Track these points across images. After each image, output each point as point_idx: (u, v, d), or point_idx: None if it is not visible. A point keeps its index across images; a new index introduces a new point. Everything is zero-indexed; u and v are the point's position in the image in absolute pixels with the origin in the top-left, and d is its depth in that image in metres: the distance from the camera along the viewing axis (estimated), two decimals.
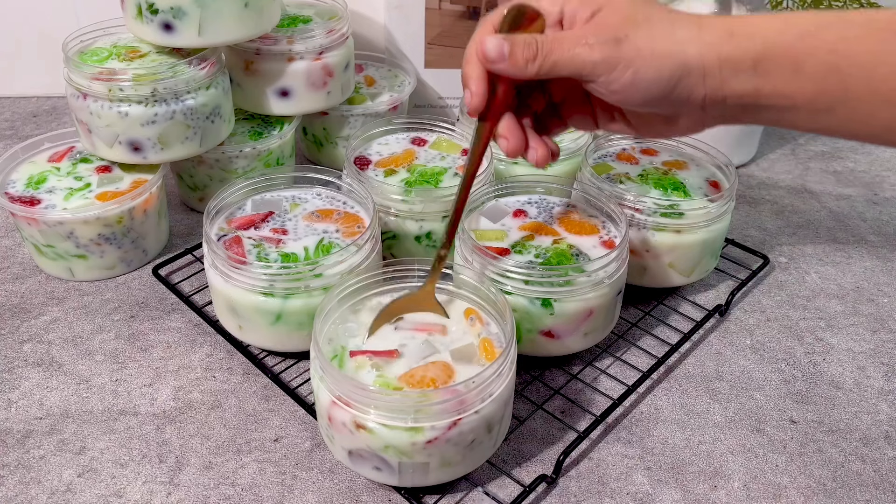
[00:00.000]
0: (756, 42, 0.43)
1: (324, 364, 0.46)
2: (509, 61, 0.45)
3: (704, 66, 0.43)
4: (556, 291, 0.55)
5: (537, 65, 0.44)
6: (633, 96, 0.45)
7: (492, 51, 0.45)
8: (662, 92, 0.44)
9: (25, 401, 0.57)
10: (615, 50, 0.43)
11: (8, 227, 0.77)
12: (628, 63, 0.43)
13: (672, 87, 0.44)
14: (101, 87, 0.64)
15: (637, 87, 0.44)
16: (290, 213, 0.63)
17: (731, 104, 0.44)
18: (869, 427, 0.57)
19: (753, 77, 0.43)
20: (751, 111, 0.45)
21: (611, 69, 0.44)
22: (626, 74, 0.43)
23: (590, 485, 0.52)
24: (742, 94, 0.43)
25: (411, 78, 0.88)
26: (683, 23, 0.44)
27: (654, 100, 0.44)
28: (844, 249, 0.78)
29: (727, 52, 0.43)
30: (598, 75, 0.44)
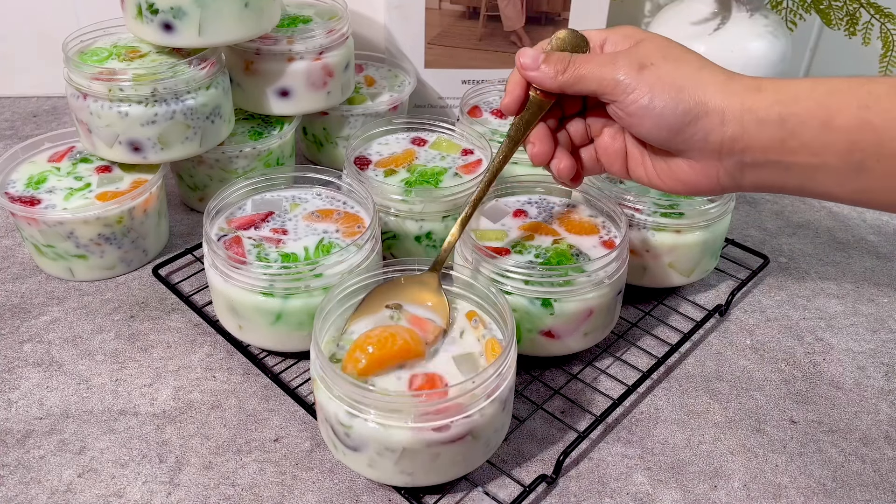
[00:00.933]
0: (784, 95, 0.43)
1: (324, 364, 0.46)
2: (540, 69, 0.48)
3: (724, 110, 0.43)
4: (556, 291, 0.55)
5: (566, 75, 0.47)
6: (645, 122, 0.46)
7: (527, 59, 0.49)
8: (676, 124, 0.44)
9: (25, 401, 0.57)
10: (638, 73, 0.45)
11: (8, 227, 0.77)
12: (647, 88, 0.45)
13: (686, 123, 0.44)
14: (101, 87, 0.64)
15: (650, 114, 0.45)
16: (290, 213, 0.63)
17: (752, 160, 0.44)
18: (869, 427, 0.57)
19: (779, 130, 0.42)
20: (775, 169, 0.44)
21: (630, 90, 0.45)
22: (643, 98, 0.45)
23: (590, 485, 0.52)
24: (766, 148, 0.43)
25: (411, 78, 0.88)
26: (712, 69, 0.45)
27: (666, 130, 0.45)
28: (844, 249, 0.78)
29: (751, 103, 0.43)
30: (617, 94, 0.46)
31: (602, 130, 0.52)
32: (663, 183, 0.49)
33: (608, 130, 0.51)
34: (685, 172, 0.47)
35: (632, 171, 0.51)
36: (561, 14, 0.88)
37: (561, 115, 0.52)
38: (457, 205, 0.65)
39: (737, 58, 0.81)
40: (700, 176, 0.47)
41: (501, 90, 0.82)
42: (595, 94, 0.48)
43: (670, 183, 0.49)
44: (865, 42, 0.81)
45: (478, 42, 0.89)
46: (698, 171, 0.47)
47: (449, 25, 0.88)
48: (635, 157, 0.51)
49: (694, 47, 0.81)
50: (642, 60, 0.46)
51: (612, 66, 0.46)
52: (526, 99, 0.51)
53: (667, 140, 0.46)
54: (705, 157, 0.46)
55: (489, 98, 0.82)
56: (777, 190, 0.46)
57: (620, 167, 0.52)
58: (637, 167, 0.51)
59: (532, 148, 0.51)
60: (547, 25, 0.89)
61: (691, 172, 0.47)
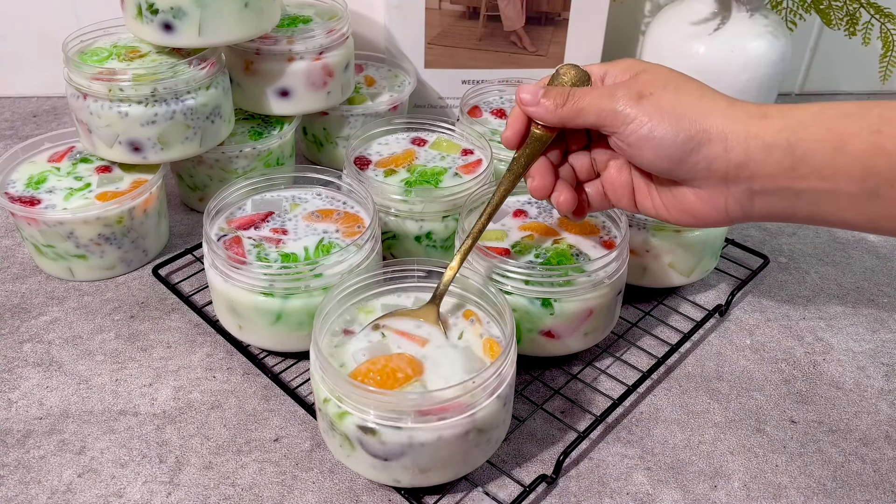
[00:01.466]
0: (790, 121, 0.42)
1: (323, 364, 0.46)
2: (540, 103, 0.48)
3: (727, 137, 0.43)
4: (556, 291, 0.55)
5: (566, 109, 0.47)
6: (646, 153, 0.45)
7: (527, 94, 0.49)
8: (677, 153, 0.44)
9: (25, 401, 0.57)
10: (637, 103, 0.45)
11: (8, 227, 0.77)
12: (647, 117, 0.45)
13: (689, 151, 0.44)
14: (101, 87, 0.64)
15: (651, 143, 0.45)
16: (290, 213, 0.63)
17: (761, 187, 0.43)
18: (869, 427, 0.57)
19: (787, 156, 0.42)
20: (784, 196, 0.43)
21: (629, 120, 0.45)
22: (643, 128, 0.45)
23: (590, 485, 0.52)
24: (775, 174, 0.42)
25: (411, 78, 0.88)
26: (714, 96, 0.45)
27: (667, 160, 0.45)
28: (844, 249, 0.78)
29: (757, 129, 0.42)
30: (617, 125, 0.46)
31: (608, 164, 0.51)
32: (671, 215, 0.49)
33: (614, 164, 0.51)
34: (692, 203, 0.47)
35: (639, 204, 0.51)
36: (561, 14, 0.88)
37: (565, 149, 0.52)
38: (457, 205, 0.65)
39: (737, 58, 0.81)
40: (707, 206, 0.46)
41: (501, 90, 0.82)
42: (595, 127, 0.47)
43: (678, 214, 0.48)
44: (865, 42, 0.81)
45: (478, 42, 0.89)
46: (705, 201, 0.46)
47: (449, 25, 0.88)
48: (642, 190, 0.50)
49: (694, 47, 0.82)
50: (641, 90, 0.46)
51: (610, 97, 0.46)
52: (527, 133, 0.51)
53: (669, 170, 0.45)
54: (711, 186, 0.45)
55: (489, 98, 0.82)
56: (788, 218, 0.45)
57: (628, 201, 0.51)
58: (644, 199, 0.50)
59: (532, 182, 0.51)
60: (547, 25, 0.89)
61: (698, 202, 0.46)
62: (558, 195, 0.51)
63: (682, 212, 0.48)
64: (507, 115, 0.79)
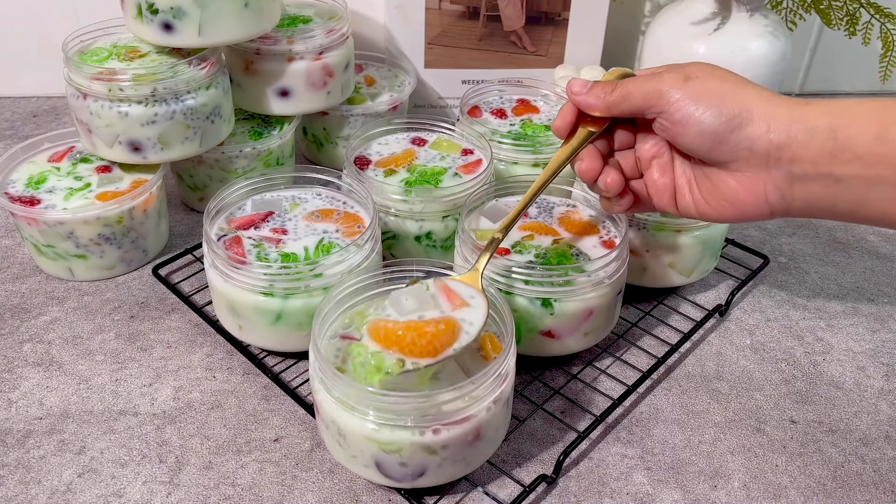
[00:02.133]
0: (832, 108, 0.43)
1: (322, 365, 0.46)
2: (590, 93, 0.50)
3: (770, 118, 0.44)
4: (556, 291, 0.55)
5: (614, 95, 0.50)
6: (689, 131, 0.46)
7: (576, 84, 0.51)
8: (720, 131, 0.45)
9: (25, 401, 0.57)
10: (683, 84, 0.47)
11: (8, 227, 0.77)
12: (692, 97, 0.46)
13: (731, 130, 0.45)
14: (101, 87, 0.64)
15: (695, 121, 0.46)
16: (290, 213, 0.63)
17: (801, 171, 0.43)
18: (869, 427, 0.57)
19: (829, 140, 0.42)
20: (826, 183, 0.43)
21: (674, 99, 0.47)
22: (688, 105, 0.46)
23: (590, 485, 0.52)
24: (816, 159, 0.43)
25: (411, 78, 0.88)
26: (756, 86, 0.46)
27: (710, 138, 0.46)
28: (844, 249, 0.78)
29: (799, 114, 0.43)
30: (662, 105, 0.47)
31: (651, 163, 0.52)
32: (711, 208, 0.49)
33: (657, 163, 0.52)
34: (733, 190, 0.47)
35: (679, 204, 0.52)
36: (561, 14, 0.88)
37: (612, 147, 0.53)
38: (457, 205, 0.65)
39: (737, 58, 0.81)
40: (748, 194, 0.47)
41: (501, 90, 0.82)
42: (641, 110, 0.49)
43: (718, 206, 0.49)
44: (865, 42, 0.81)
45: (478, 42, 0.89)
46: (746, 187, 0.46)
47: (449, 25, 0.88)
48: (682, 189, 0.51)
49: (694, 47, 0.82)
50: (687, 74, 0.47)
51: (656, 79, 0.48)
52: (576, 126, 0.52)
53: (710, 149, 0.46)
54: (752, 168, 0.45)
55: (489, 98, 0.82)
56: (828, 211, 0.45)
57: (669, 200, 0.52)
58: (684, 198, 0.51)
59: (581, 164, 0.52)
60: (547, 25, 0.89)
61: (739, 189, 0.47)
62: (605, 176, 0.52)
63: (722, 202, 0.48)
64: (507, 114, 0.79)
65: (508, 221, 0.53)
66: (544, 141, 0.71)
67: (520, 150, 0.72)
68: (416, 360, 0.46)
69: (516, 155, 0.72)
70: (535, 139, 0.73)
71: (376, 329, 0.47)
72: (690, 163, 0.51)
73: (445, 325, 0.47)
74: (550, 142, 0.71)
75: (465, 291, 0.50)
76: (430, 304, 0.49)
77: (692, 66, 0.49)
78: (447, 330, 0.47)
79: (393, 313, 0.49)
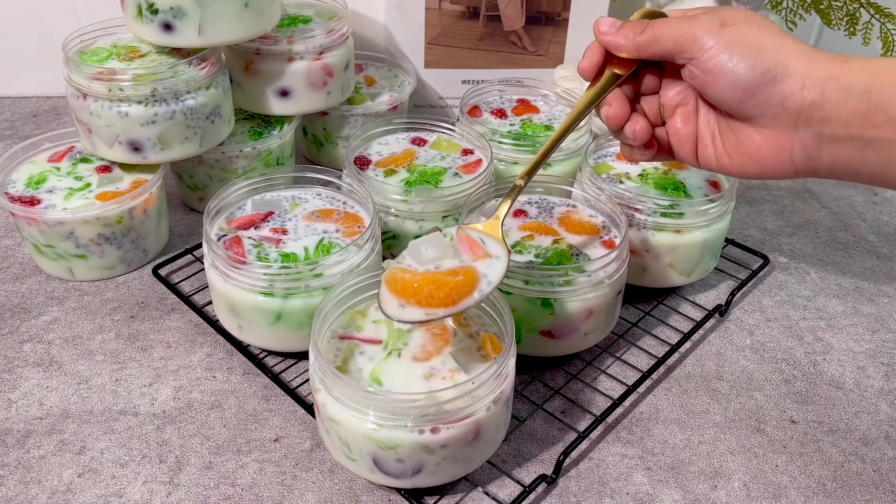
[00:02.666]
0: (871, 67, 0.41)
1: (322, 366, 0.46)
2: (618, 32, 0.48)
3: (806, 75, 0.42)
4: (556, 291, 0.55)
5: (644, 35, 0.47)
6: (721, 81, 0.44)
7: (604, 23, 0.49)
8: (753, 84, 0.43)
9: (25, 401, 0.57)
10: (719, 30, 0.44)
11: (8, 227, 0.77)
12: (727, 44, 0.44)
13: (764, 84, 0.43)
14: (101, 87, 0.64)
15: (728, 71, 0.44)
16: (290, 213, 0.63)
17: (831, 133, 0.42)
18: (869, 427, 0.57)
19: (864, 101, 0.41)
20: (855, 146, 0.42)
21: (708, 46, 0.44)
22: (722, 54, 0.44)
23: (590, 485, 0.52)
24: (848, 120, 0.42)
25: (411, 78, 0.88)
26: (795, 40, 0.44)
27: (741, 90, 0.44)
28: (844, 249, 0.78)
29: (837, 71, 0.42)
30: (695, 51, 0.45)
31: (675, 111, 0.50)
32: (733, 163, 0.47)
33: (681, 112, 0.50)
34: (757, 146, 0.45)
35: (701, 155, 0.50)
36: (561, 14, 0.88)
37: (637, 92, 0.51)
38: (457, 205, 0.65)
39: None
40: (773, 150, 0.45)
41: (501, 90, 0.82)
42: (672, 54, 0.46)
43: (740, 161, 0.47)
44: (865, 42, 0.81)
45: (478, 42, 0.89)
46: (771, 144, 0.44)
47: (449, 25, 0.88)
48: (705, 140, 0.49)
49: None
50: (724, 20, 0.44)
51: (691, 23, 0.45)
52: (603, 67, 0.50)
53: (741, 102, 0.44)
54: (780, 126, 0.44)
55: (489, 98, 0.82)
56: (854, 174, 0.43)
57: (689, 150, 0.50)
58: (706, 150, 0.49)
59: (608, 109, 0.50)
60: (547, 25, 0.89)
61: (764, 145, 0.45)
62: (633, 125, 0.50)
63: (745, 158, 0.46)
64: (507, 114, 0.79)
65: (531, 167, 0.51)
66: (544, 141, 0.71)
67: (520, 150, 0.72)
68: (434, 310, 0.45)
69: (516, 155, 0.72)
70: (535, 139, 0.73)
71: (393, 280, 0.46)
72: (716, 114, 0.48)
73: (465, 276, 0.46)
74: None
75: (486, 242, 0.48)
76: (450, 252, 0.48)
77: (728, 10, 0.45)
78: (466, 281, 0.46)
79: (412, 263, 0.47)
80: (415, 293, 0.45)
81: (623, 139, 0.51)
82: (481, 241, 0.49)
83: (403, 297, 0.46)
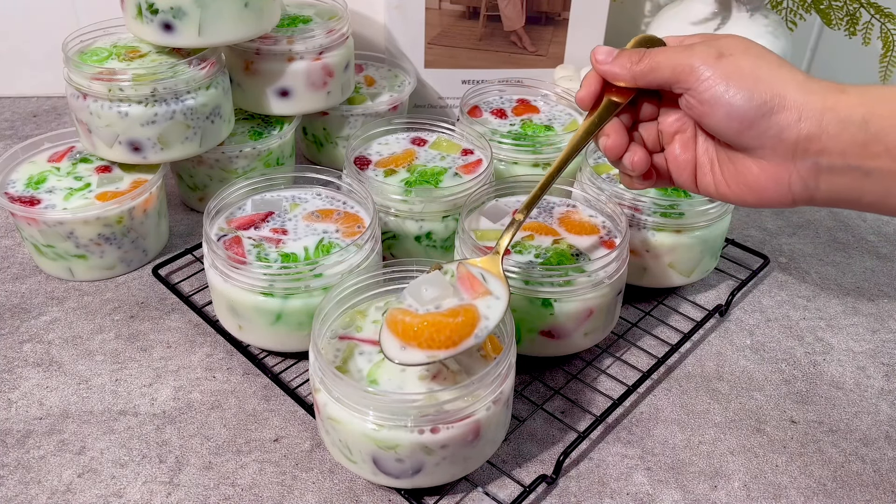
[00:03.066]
0: (868, 98, 0.41)
1: (322, 366, 0.46)
2: (615, 62, 0.48)
3: (803, 107, 0.42)
4: (556, 291, 0.55)
5: (641, 65, 0.47)
6: (718, 112, 0.44)
7: (602, 54, 0.49)
8: (750, 116, 0.43)
9: (25, 401, 0.57)
10: (716, 61, 0.44)
11: (8, 227, 0.77)
12: (724, 76, 0.44)
13: (761, 115, 0.43)
14: (101, 87, 0.64)
15: (724, 102, 0.44)
16: (290, 213, 0.63)
17: (829, 164, 0.42)
18: (869, 427, 0.57)
19: (861, 132, 0.41)
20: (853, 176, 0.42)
21: (705, 77, 0.44)
22: (719, 85, 0.44)
23: (590, 485, 0.52)
24: (845, 151, 0.41)
25: (411, 78, 0.88)
26: (792, 68, 0.44)
27: (738, 121, 0.44)
28: (844, 249, 0.78)
29: (833, 102, 0.42)
30: (691, 82, 0.45)
31: (674, 138, 0.50)
32: (731, 191, 0.47)
33: (679, 139, 0.50)
34: (755, 176, 0.45)
35: (699, 182, 0.49)
36: (561, 14, 0.88)
37: (635, 119, 0.51)
38: (457, 205, 0.65)
39: None
40: (770, 181, 0.45)
41: (501, 90, 0.82)
42: (669, 84, 0.46)
43: (739, 191, 0.47)
44: (865, 42, 0.81)
45: (478, 42, 0.89)
46: (769, 175, 0.44)
47: (449, 25, 0.88)
48: (704, 168, 0.49)
49: None
50: (721, 50, 0.44)
51: (688, 52, 0.45)
52: (601, 96, 0.50)
53: (738, 133, 0.44)
54: (778, 157, 0.43)
55: (489, 98, 0.82)
56: (853, 202, 0.44)
57: (689, 177, 0.50)
58: (705, 177, 0.49)
59: (606, 140, 0.50)
60: (547, 25, 0.89)
61: (762, 176, 0.45)
62: (632, 155, 0.50)
63: (744, 187, 0.46)
64: (507, 114, 0.79)
65: (530, 200, 0.51)
66: (544, 141, 0.72)
67: (520, 150, 0.72)
68: (435, 352, 0.45)
69: (516, 155, 0.72)
70: (535, 139, 0.73)
71: (394, 322, 0.47)
72: (714, 142, 0.48)
73: (465, 317, 0.46)
74: (550, 142, 0.71)
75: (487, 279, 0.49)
76: (450, 291, 0.48)
77: (726, 39, 0.46)
78: (466, 322, 0.46)
79: (412, 303, 0.48)
80: (415, 336, 0.46)
81: (622, 169, 0.51)
82: (482, 278, 0.49)
83: (404, 339, 0.46)
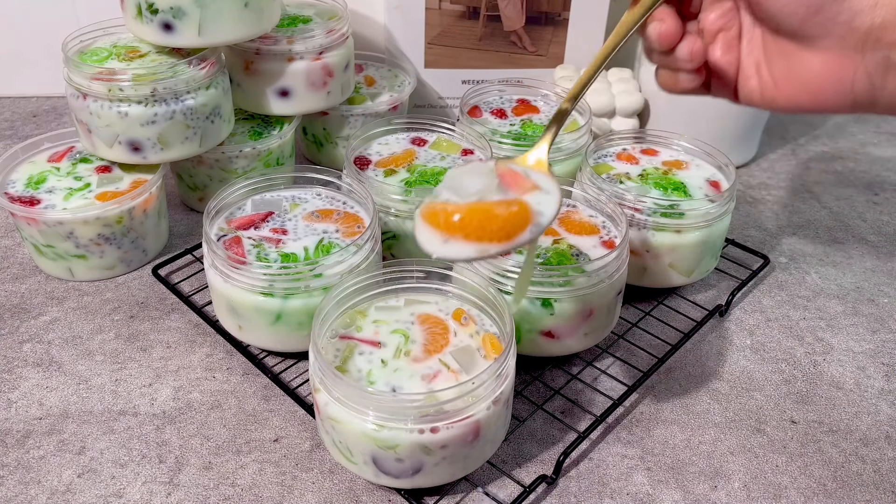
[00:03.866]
0: None
1: (322, 366, 0.46)
2: None
3: None
4: (556, 291, 0.55)
5: None
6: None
7: None
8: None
9: (25, 401, 0.57)
10: None
11: (8, 227, 0.77)
12: None
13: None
14: (101, 87, 0.64)
15: None
16: (289, 213, 0.63)
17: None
18: (869, 427, 0.57)
19: None
20: None
21: None
22: None
23: (590, 485, 0.52)
24: None
25: (411, 78, 0.88)
26: None
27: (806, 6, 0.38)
28: (844, 249, 0.78)
29: None
30: None
31: (716, 37, 0.45)
32: (782, 94, 0.42)
33: (722, 38, 0.44)
34: (814, 73, 0.40)
35: (741, 88, 0.44)
36: (561, 14, 0.88)
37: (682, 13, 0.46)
38: None
39: None
40: (832, 78, 0.39)
41: (501, 90, 0.82)
42: None
43: (791, 91, 0.41)
44: None
45: (478, 42, 0.89)
46: (831, 71, 0.39)
47: (449, 25, 0.88)
48: (748, 71, 0.44)
49: None
50: None
51: None
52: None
53: (803, 20, 0.39)
54: (845, 49, 0.38)
55: (489, 98, 0.82)
56: None
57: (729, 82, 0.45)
58: (749, 81, 0.44)
59: (660, 26, 0.44)
60: (547, 25, 0.89)
61: (822, 72, 0.40)
62: (690, 44, 0.44)
63: (798, 87, 0.41)
64: (507, 114, 0.79)
65: (577, 90, 0.46)
66: None
67: (520, 151, 0.72)
68: (486, 245, 0.38)
69: (516, 155, 0.72)
70: (536, 139, 0.73)
71: (433, 213, 0.40)
72: (762, 40, 0.43)
73: (519, 207, 0.39)
74: None
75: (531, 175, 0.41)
76: (495, 185, 0.41)
77: None
78: (521, 212, 0.39)
79: (451, 198, 0.40)
80: (462, 226, 0.38)
81: (672, 63, 0.45)
82: (526, 175, 0.42)
83: (448, 231, 0.39)
